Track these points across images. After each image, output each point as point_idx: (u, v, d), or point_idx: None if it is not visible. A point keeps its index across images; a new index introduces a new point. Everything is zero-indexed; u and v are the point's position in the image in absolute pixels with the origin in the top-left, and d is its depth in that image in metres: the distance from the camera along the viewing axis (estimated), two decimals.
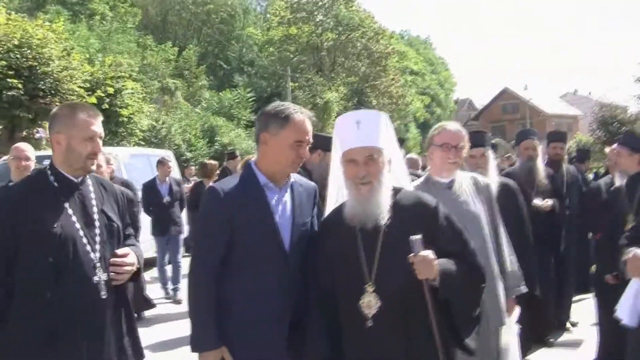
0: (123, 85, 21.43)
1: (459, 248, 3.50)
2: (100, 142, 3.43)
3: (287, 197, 3.69)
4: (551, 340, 7.75)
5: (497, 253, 4.46)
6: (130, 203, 7.04)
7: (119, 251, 3.49)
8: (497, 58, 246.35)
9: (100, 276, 3.37)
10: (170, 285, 11.20)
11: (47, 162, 3.59)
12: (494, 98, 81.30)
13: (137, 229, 7.34)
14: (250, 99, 41.81)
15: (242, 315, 3.50)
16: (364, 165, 3.41)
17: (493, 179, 5.52)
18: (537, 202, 7.38)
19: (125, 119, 21.20)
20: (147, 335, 7.47)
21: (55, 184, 3.37)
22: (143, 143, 22.43)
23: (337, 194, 3.70)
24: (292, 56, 46.23)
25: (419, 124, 59.62)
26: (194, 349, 3.52)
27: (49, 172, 3.40)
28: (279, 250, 3.58)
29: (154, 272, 12.13)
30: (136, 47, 40.02)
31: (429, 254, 3.24)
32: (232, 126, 37.40)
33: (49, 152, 10.81)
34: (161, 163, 11.42)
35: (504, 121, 76.48)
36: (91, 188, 3.49)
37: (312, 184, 3.92)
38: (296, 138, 3.49)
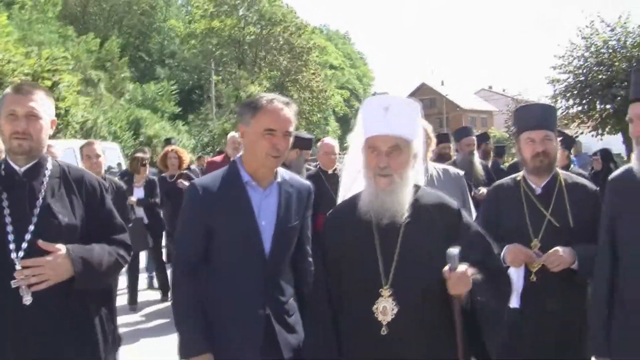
0: (60, 78, 22.46)
1: (483, 253, 3.25)
2: (42, 122, 3.15)
3: (272, 197, 3.46)
4: None
5: None
6: (121, 195, 6.96)
7: (43, 244, 3.03)
8: (414, 53, 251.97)
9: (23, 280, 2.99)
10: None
11: None
12: (412, 92, 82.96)
13: (127, 219, 7.09)
14: (174, 92, 42.84)
15: (217, 317, 3.36)
16: (387, 155, 3.13)
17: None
18: (477, 192, 8.09)
19: (62, 112, 22.24)
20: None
21: (3, 173, 3.15)
22: (79, 136, 23.46)
23: (351, 184, 3.51)
24: (214, 49, 47.25)
25: (338, 118, 61.32)
26: (182, 356, 3.34)
27: (1, 162, 3.20)
28: (257, 253, 3.38)
29: None
30: (57, 37, 40.26)
31: (466, 269, 2.98)
32: (157, 118, 38.34)
33: None
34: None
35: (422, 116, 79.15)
36: (46, 179, 3.19)
37: (307, 183, 3.66)
38: (266, 126, 3.26)
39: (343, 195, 3.59)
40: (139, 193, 9.45)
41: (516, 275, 3.86)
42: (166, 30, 51.62)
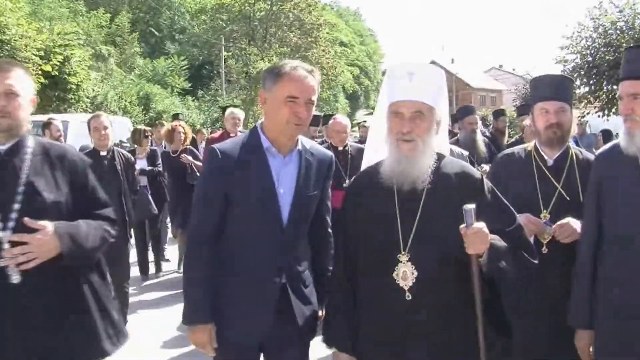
0: (71, 53, 22.72)
1: (507, 223, 3.23)
2: (20, 99, 3.08)
3: (292, 165, 3.41)
4: None
5: None
6: (130, 166, 7.35)
7: (29, 222, 2.99)
8: (424, 31, 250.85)
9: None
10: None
11: None
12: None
13: (135, 191, 7.57)
14: (184, 67, 43.03)
15: (231, 285, 3.33)
16: (410, 121, 3.11)
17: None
18: (479, 169, 8.23)
19: (73, 86, 22.53)
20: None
21: None
22: (90, 110, 23.76)
23: (376, 150, 3.48)
24: (224, 25, 47.21)
25: (347, 95, 61.49)
26: (184, 321, 3.37)
27: None
28: (274, 221, 3.34)
29: None
30: (68, 12, 40.45)
31: (484, 226, 2.95)
32: (167, 94, 38.62)
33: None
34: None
35: None
36: (28, 157, 3.15)
37: (329, 153, 3.60)
38: (289, 93, 3.20)
39: (367, 162, 3.59)
40: (142, 164, 9.72)
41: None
42: (176, 6, 51.68)
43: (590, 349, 3.61)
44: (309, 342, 3.57)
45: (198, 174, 9.47)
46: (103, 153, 6.91)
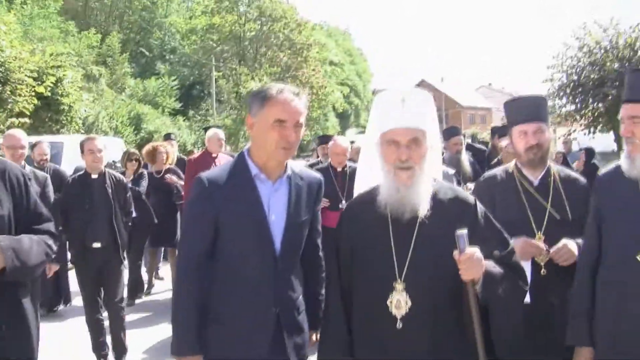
0: (64, 75, 22.97)
1: (500, 248, 3.20)
2: None
3: (282, 190, 3.35)
4: None
5: None
6: (121, 187, 7.27)
7: None
8: (414, 50, 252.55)
9: None
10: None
11: None
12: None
13: (128, 213, 7.52)
14: (174, 87, 43.24)
15: (223, 315, 3.27)
16: (407, 148, 3.09)
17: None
18: (465, 187, 8.58)
19: (66, 108, 22.76)
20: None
21: None
22: (83, 131, 23.96)
23: (368, 178, 3.44)
24: (215, 45, 47.63)
25: (337, 114, 61.76)
26: (172, 352, 3.27)
27: None
28: (267, 249, 3.27)
29: None
30: (59, 32, 40.64)
31: (477, 251, 2.93)
32: (158, 114, 38.72)
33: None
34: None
35: None
36: None
37: (317, 176, 3.55)
38: (276, 117, 3.15)
39: (358, 189, 3.57)
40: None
41: (526, 269, 3.64)
42: (167, 26, 51.93)
43: None
44: None
45: (183, 193, 9.75)
46: (94, 176, 6.90)
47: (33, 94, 19.99)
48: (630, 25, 17.75)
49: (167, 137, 15.02)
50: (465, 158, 9.62)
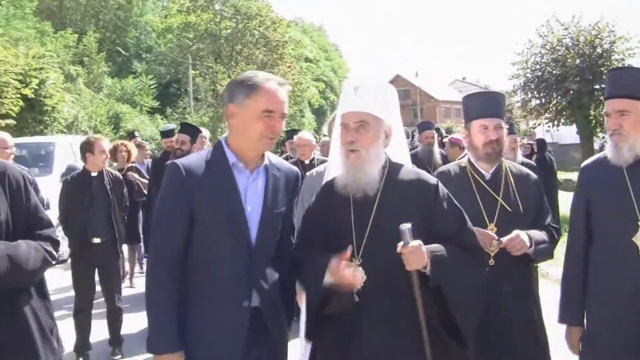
0: (47, 76, 23.69)
1: (458, 228, 3.34)
2: None
3: (259, 180, 3.27)
4: None
5: None
6: (118, 184, 7.64)
7: None
8: (389, 45, 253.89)
9: None
10: None
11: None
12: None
13: (125, 208, 7.98)
14: (152, 86, 43.81)
15: (197, 312, 3.16)
16: (355, 131, 3.24)
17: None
18: None
19: (49, 108, 23.51)
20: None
21: None
22: (66, 131, 24.66)
23: (334, 163, 3.58)
24: (190, 44, 48.11)
25: (313, 110, 62.28)
26: (149, 350, 3.14)
27: None
28: (243, 240, 3.18)
29: None
30: (35, 33, 40.87)
31: (419, 244, 3.06)
32: (136, 113, 39.22)
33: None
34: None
35: None
36: None
37: (294, 169, 3.51)
38: (265, 107, 3.09)
39: (331, 174, 3.66)
40: None
41: None
42: (143, 25, 52.28)
43: (580, 345, 3.80)
44: None
45: (145, 191, 10.26)
46: (94, 174, 7.26)
47: (19, 96, 20.69)
48: (590, 22, 18.77)
49: (132, 135, 15.06)
50: (437, 150, 10.54)
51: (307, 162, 8.50)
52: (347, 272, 3.14)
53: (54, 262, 3.27)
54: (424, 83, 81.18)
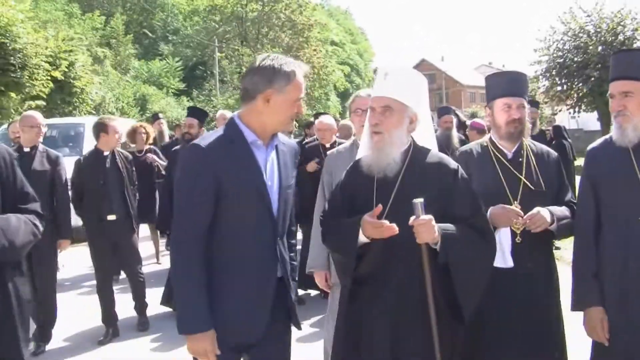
0: (76, 59, 24.32)
1: (473, 212, 3.47)
2: None
3: (273, 156, 3.41)
4: None
5: None
6: (129, 164, 7.80)
7: None
8: (415, 29, 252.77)
9: None
10: None
11: None
12: (412, 68, 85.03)
13: (135, 186, 8.11)
14: (178, 68, 44.33)
15: (225, 289, 3.24)
16: (380, 114, 3.44)
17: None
18: None
19: (78, 90, 24.13)
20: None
21: None
22: (94, 112, 25.28)
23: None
24: (217, 26, 48.29)
25: (339, 93, 62.32)
26: (181, 331, 3.19)
27: None
28: (268, 214, 3.31)
29: None
30: (63, 15, 41.48)
31: (430, 218, 3.22)
32: (162, 95, 39.86)
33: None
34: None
35: None
36: None
37: (294, 143, 3.69)
38: (300, 94, 3.31)
39: (358, 152, 3.89)
40: None
41: (505, 236, 3.93)
42: (169, 7, 52.75)
43: (604, 326, 3.72)
44: (290, 335, 3.59)
45: (164, 172, 10.18)
46: (106, 153, 7.46)
47: (49, 78, 21.30)
48: (612, 10, 18.84)
49: (155, 117, 15.07)
50: (455, 134, 10.61)
51: (327, 145, 8.62)
52: (382, 222, 3.30)
53: (39, 236, 3.27)
54: (449, 68, 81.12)
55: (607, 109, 11.74)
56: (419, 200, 3.22)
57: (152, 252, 11.66)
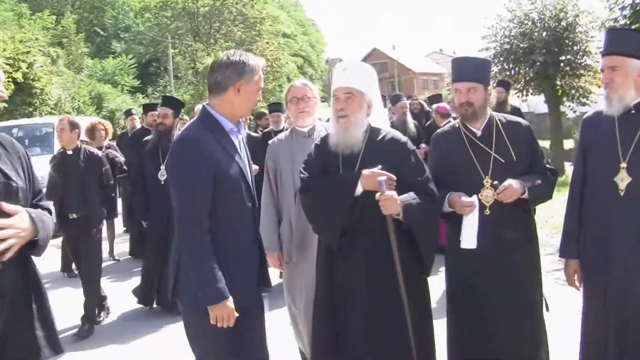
0: (34, 60, 24.62)
1: (420, 175, 4.10)
2: None
3: (240, 139, 3.87)
4: None
5: None
6: (96, 162, 7.82)
7: (6, 206, 2.90)
8: (366, 19, 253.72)
9: None
10: None
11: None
12: (364, 58, 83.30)
13: (104, 186, 8.06)
14: (132, 66, 44.47)
15: (224, 262, 3.59)
16: (344, 101, 4.04)
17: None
18: (420, 147, 10.03)
19: (38, 91, 24.48)
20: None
21: None
22: (55, 112, 25.58)
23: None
24: (169, 22, 48.48)
25: None
26: (205, 303, 3.54)
27: None
28: (250, 192, 3.81)
29: None
30: (12, 15, 41.22)
31: (393, 193, 3.84)
32: (118, 92, 39.93)
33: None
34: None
35: None
36: None
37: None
38: (261, 84, 3.76)
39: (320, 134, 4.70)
40: None
41: (471, 220, 4.21)
42: (120, 4, 52.73)
43: (576, 277, 4.24)
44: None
45: (125, 167, 10.48)
46: (69, 152, 7.66)
47: (9, 79, 21.63)
48: None
49: (129, 112, 15.22)
50: (410, 120, 11.77)
51: (276, 129, 9.82)
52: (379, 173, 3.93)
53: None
54: (401, 56, 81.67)
55: (554, 91, 12.87)
56: (382, 178, 3.83)
57: (123, 249, 11.88)
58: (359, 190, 4.01)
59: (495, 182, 4.20)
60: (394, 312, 4.01)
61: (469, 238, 4.23)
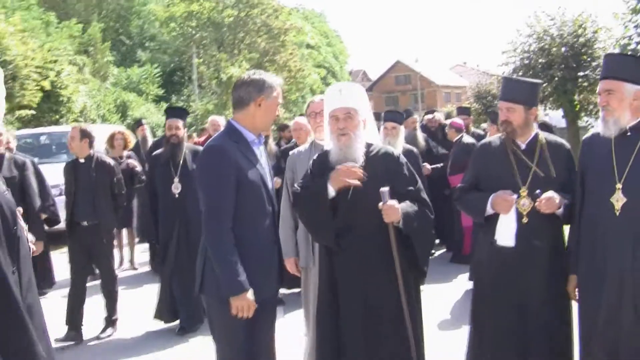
0: (62, 68, 25.33)
1: (414, 186, 4.35)
2: None
3: (262, 150, 4.22)
4: None
5: None
6: (108, 171, 7.88)
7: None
8: (389, 30, 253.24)
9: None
10: None
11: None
12: (387, 70, 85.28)
13: (115, 196, 8.13)
14: (157, 75, 44.93)
15: (245, 260, 3.96)
16: (344, 120, 4.25)
17: (399, 146, 8.01)
18: (423, 166, 10.30)
19: (65, 99, 25.16)
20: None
21: None
22: (81, 120, 26.22)
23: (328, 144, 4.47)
24: (194, 32, 48.60)
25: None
26: (227, 294, 3.92)
27: None
28: (270, 198, 4.17)
29: None
30: (40, 24, 41.79)
31: (395, 202, 4.06)
32: (142, 101, 40.41)
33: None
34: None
35: (397, 92, 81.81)
36: None
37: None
38: (280, 100, 4.16)
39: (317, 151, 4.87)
40: None
41: (509, 218, 4.44)
42: (146, 14, 53.20)
43: (576, 291, 4.42)
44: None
45: (144, 177, 10.33)
46: (81, 160, 7.75)
47: (38, 87, 22.28)
48: (573, 14, 20.12)
49: (139, 123, 14.82)
50: (420, 135, 12.05)
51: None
52: (347, 165, 4.27)
53: None
54: (424, 68, 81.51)
55: (571, 107, 13.26)
56: (385, 189, 4.12)
57: (143, 259, 12.02)
58: (332, 192, 4.29)
59: (538, 191, 4.38)
60: (392, 313, 4.30)
61: (506, 235, 4.46)
